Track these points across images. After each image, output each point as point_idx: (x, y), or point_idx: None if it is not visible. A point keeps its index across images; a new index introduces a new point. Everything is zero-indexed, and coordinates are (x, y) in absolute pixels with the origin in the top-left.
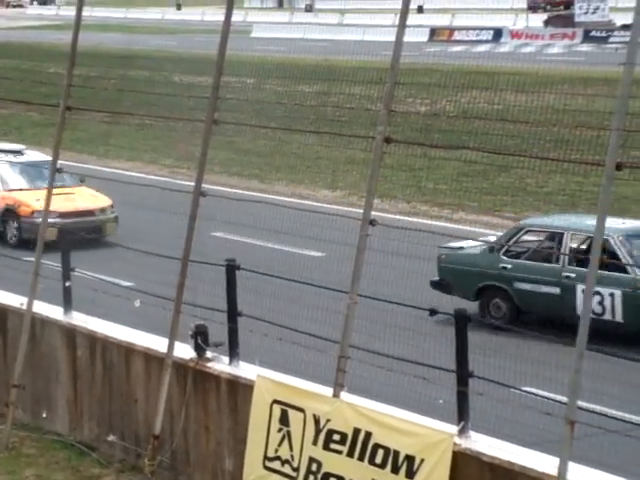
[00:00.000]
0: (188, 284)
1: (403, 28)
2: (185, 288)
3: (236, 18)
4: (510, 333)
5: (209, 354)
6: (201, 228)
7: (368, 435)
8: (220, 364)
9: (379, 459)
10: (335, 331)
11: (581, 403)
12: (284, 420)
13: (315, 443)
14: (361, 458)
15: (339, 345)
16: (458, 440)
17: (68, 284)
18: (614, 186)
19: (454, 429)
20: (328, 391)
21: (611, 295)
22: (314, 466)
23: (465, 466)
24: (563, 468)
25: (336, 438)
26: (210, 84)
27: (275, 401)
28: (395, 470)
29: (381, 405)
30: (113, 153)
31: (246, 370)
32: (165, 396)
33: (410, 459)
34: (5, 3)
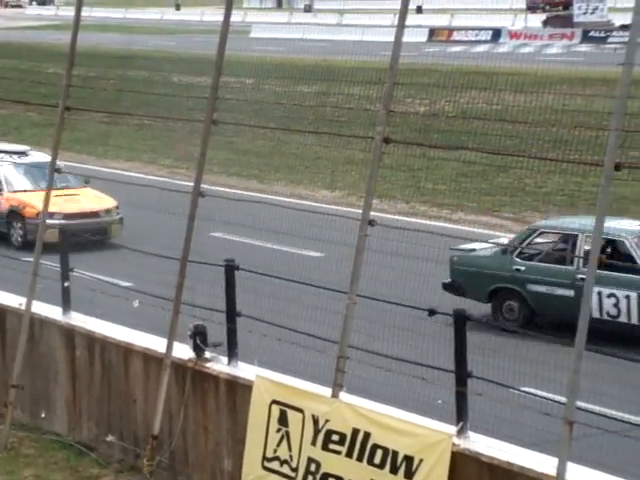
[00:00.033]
0: (187, 284)
1: (402, 28)
2: (184, 288)
3: (235, 18)
4: (509, 333)
5: (208, 354)
6: (200, 228)
7: (367, 435)
8: (219, 364)
9: (378, 459)
10: (334, 331)
11: (580, 403)
12: (283, 420)
13: (314, 443)
14: (360, 458)
15: (338, 345)
16: (457, 440)
17: (67, 284)
18: (613, 186)
19: (453, 429)
20: (327, 391)
21: (627, 297)
22: (313, 466)
23: (464, 466)
24: (562, 468)
25: (335, 438)
26: (209, 84)
27: (274, 401)
28: (394, 470)
29: (380, 405)
30: (112, 153)
31: (245, 370)
32: (164, 396)
33: (409, 459)
34: (4, 3)
